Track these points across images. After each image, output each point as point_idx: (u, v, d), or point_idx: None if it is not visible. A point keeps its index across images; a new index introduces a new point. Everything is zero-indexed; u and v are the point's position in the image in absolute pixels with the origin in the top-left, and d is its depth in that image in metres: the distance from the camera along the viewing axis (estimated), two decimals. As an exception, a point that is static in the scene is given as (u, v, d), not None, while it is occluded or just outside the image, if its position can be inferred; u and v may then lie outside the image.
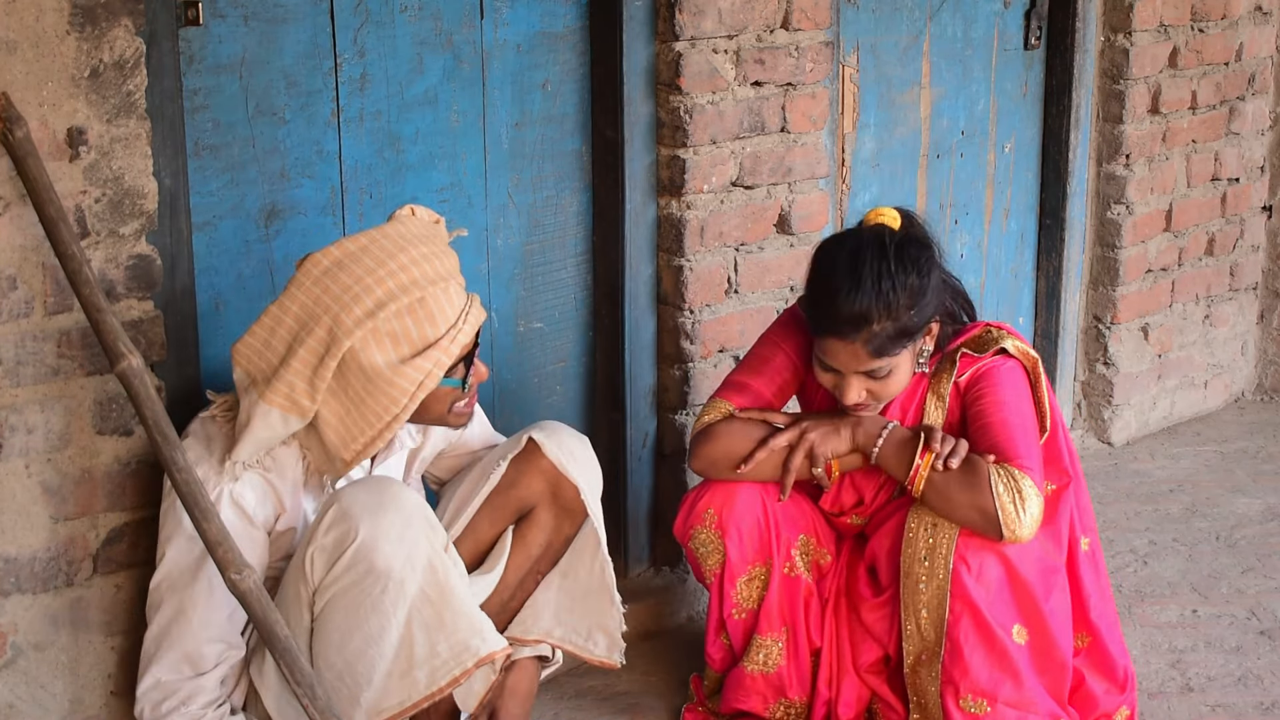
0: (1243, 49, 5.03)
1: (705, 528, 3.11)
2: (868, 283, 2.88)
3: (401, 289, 2.65)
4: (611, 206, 3.60)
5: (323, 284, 2.65)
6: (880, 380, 2.96)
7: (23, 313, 2.67)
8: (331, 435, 2.68)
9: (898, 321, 2.90)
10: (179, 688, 2.73)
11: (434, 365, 2.67)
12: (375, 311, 2.62)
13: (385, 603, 2.63)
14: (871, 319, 2.88)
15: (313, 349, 2.62)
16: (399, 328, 2.64)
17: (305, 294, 2.65)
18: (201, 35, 2.93)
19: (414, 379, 2.65)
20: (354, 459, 2.69)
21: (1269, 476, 4.75)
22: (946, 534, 2.94)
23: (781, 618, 3.15)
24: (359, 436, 2.67)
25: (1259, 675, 3.52)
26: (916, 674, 3.05)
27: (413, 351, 2.65)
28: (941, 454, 2.91)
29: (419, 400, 2.67)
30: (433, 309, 2.67)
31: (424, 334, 2.66)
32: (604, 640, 3.09)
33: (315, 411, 2.65)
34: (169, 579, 2.73)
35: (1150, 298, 4.96)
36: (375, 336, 2.62)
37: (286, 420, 2.65)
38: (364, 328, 2.61)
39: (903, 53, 4.22)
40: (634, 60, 3.52)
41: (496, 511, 2.98)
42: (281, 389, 2.63)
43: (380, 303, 2.63)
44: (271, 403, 2.63)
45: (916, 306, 2.92)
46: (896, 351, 2.93)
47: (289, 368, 2.63)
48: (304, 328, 2.64)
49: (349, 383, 2.64)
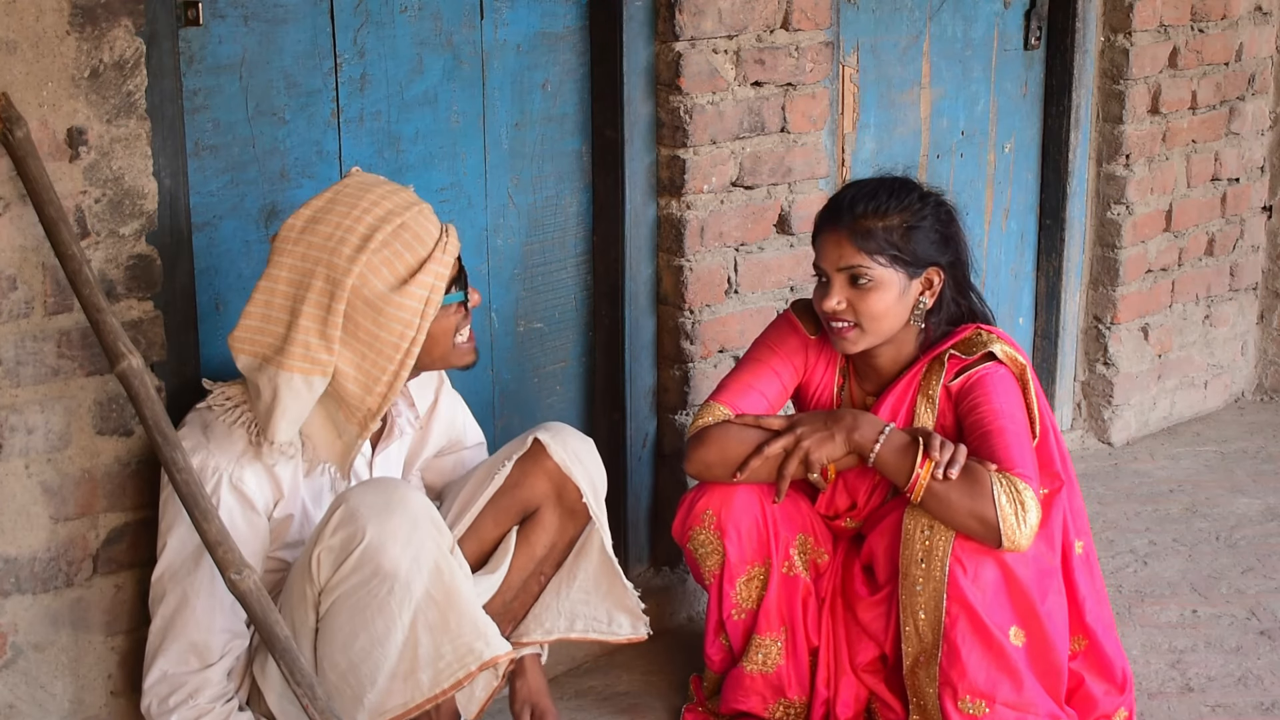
0: (1243, 49, 5.03)
1: (704, 528, 3.12)
2: (870, 186, 3.07)
3: (381, 220, 2.70)
4: (611, 206, 3.60)
5: (304, 241, 2.69)
6: (861, 291, 2.99)
7: (23, 313, 2.67)
8: (351, 385, 2.69)
9: (887, 225, 2.99)
10: (186, 680, 2.74)
11: (434, 279, 2.71)
12: (364, 245, 2.67)
13: (391, 604, 2.63)
14: (860, 213, 3.00)
15: (317, 302, 2.66)
16: (391, 254, 2.69)
17: (291, 256, 2.69)
18: (201, 35, 2.93)
19: (419, 296, 2.69)
20: (380, 404, 2.70)
21: (1269, 476, 4.75)
22: (943, 536, 2.94)
23: (780, 617, 3.15)
24: (381, 376, 2.69)
25: (1259, 675, 3.52)
26: (915, 675, 3.05)
27: (409, 271, 2.69)
28: (941, 462, 2.91)
29: (429, 320, 2.71)
30: (416, 229, 2.72)
31: (415, 254, 2.71)
32: (625, 619, 3.11)
33: (334, 367, 2.67)
34: (171, 569, 2.73)
35: (1150, 298, 4.96)
36: (371, 267, 2.67)
37: (310, 383, 2.67)
38: (359, 263, 2.66)
39: (903, 53, 4.22)
40: (634, 60, 3.52)
41: (501, 512, 2.98)
42: (297, 351, 2.65)
43: (366, 236, 2.67)
44: (292, 369, 2.65)
45: (912, 226, 3.01)
46: (880, 257, 2.98)
47: (298, 328, 2.65)
48: (300, 286, 2.67)
49: (359, 323, 2.67)
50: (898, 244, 2.99)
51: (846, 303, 3.01)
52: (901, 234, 3.00)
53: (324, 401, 2.73)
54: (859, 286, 3.00)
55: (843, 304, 3.01)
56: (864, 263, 2.98)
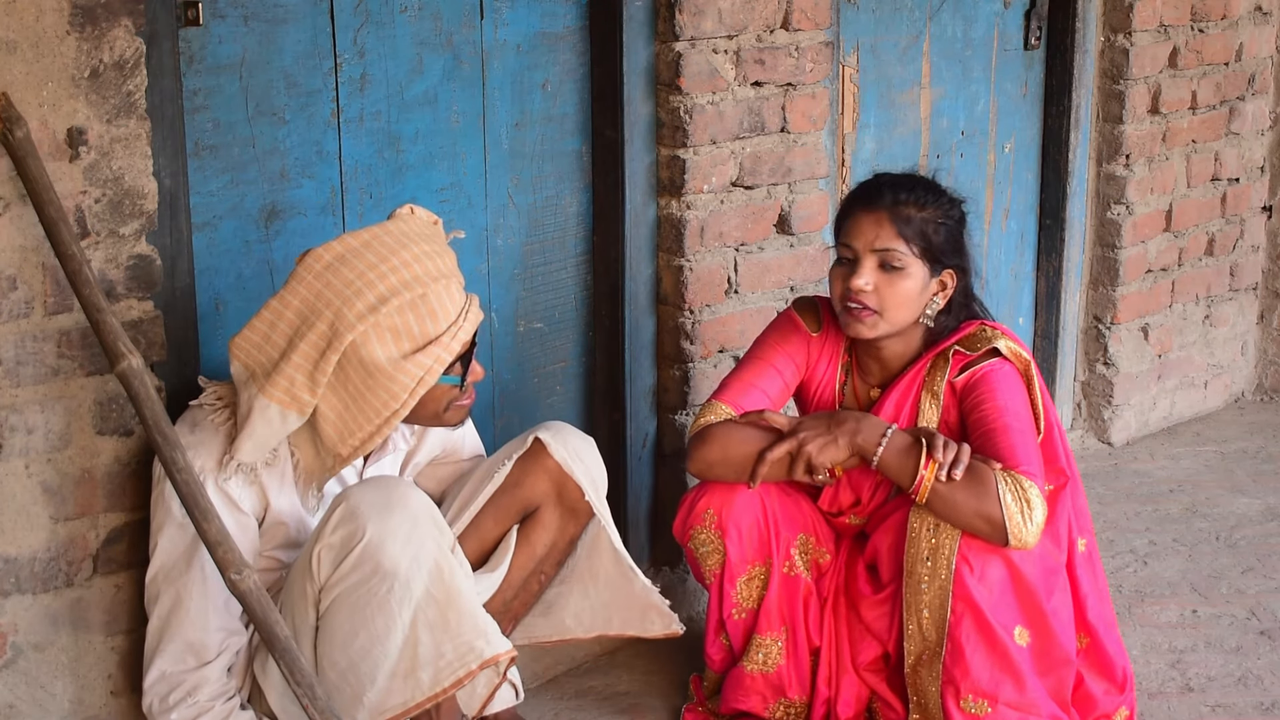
0: (1243, 49, 5.03)
1: (705, 528, 3.11)
2: (907, 177, 3.13)
3: (404, 285, 2.65)
4: (611, 206, 3.60)
5: (325, 279, 2.65)
6: (890, 275, 3.02)
7: (23, 313, 2.67)
8: (329, 430, 2.68)
9: (925, 216, 3.04)
10: (184, 679, 2.74)
11: (434, 361, 2.68)
12: (378, 306, 2.63)
13: (391, 603, 2.63)
14: (903, 199, 3.05)
15: (314, 343, 2.63)
16: (401, 323, 2.65)
17: (307, 289, 2.66)
18: (201, 35, 2.93)
19: (414, 375, 2.66)
20: (350, 455, 2.70)
21: (1269, 476, 4.75)
22: (949, 535, 2.94)
23: (781, 617, 3.14)
24: (356, 432, 2.68)
25: (1259, 675, 3.52)
26: (917, 674, 3.04)
27: (414, 347, 2.66)
28: (945, 464, 2.90)
29: (418, 396, 2.68)
30: (434, 305, 2.68)
31: (425, 330, 2.67)
32: (658, 618, 3.13)
33: (314, 407, 2.66)
34: (164, 570, 2.74)
35: (1150, 298, 4.96)
36: (377, 331, 2.63)
37: (285, 417, 2.65)
38: (366, 322, 2.62)
39: (903, 53, 4.22)
40: (634, 60, 3.52)
41: (501, 511, 2.99)
42: (282, 383, 2.64)
43: (383, 298, 2.63)
44: (271, 398, 2.64)
45: (943, 221, 3.06)
46: (915, 246, 3.02)
47: (289, 361, 2.64)
48: (305, 322, 2.64)
49: (349, 377, 2.65)
50: (930, 237, 3.03)
51: (874, 285, 3.02)
52: (934, 228, 3.04)
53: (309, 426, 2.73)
54: (889, 270, 3.02)
55: (870, 284, 3.02)
56: (900, 247, 3.02)
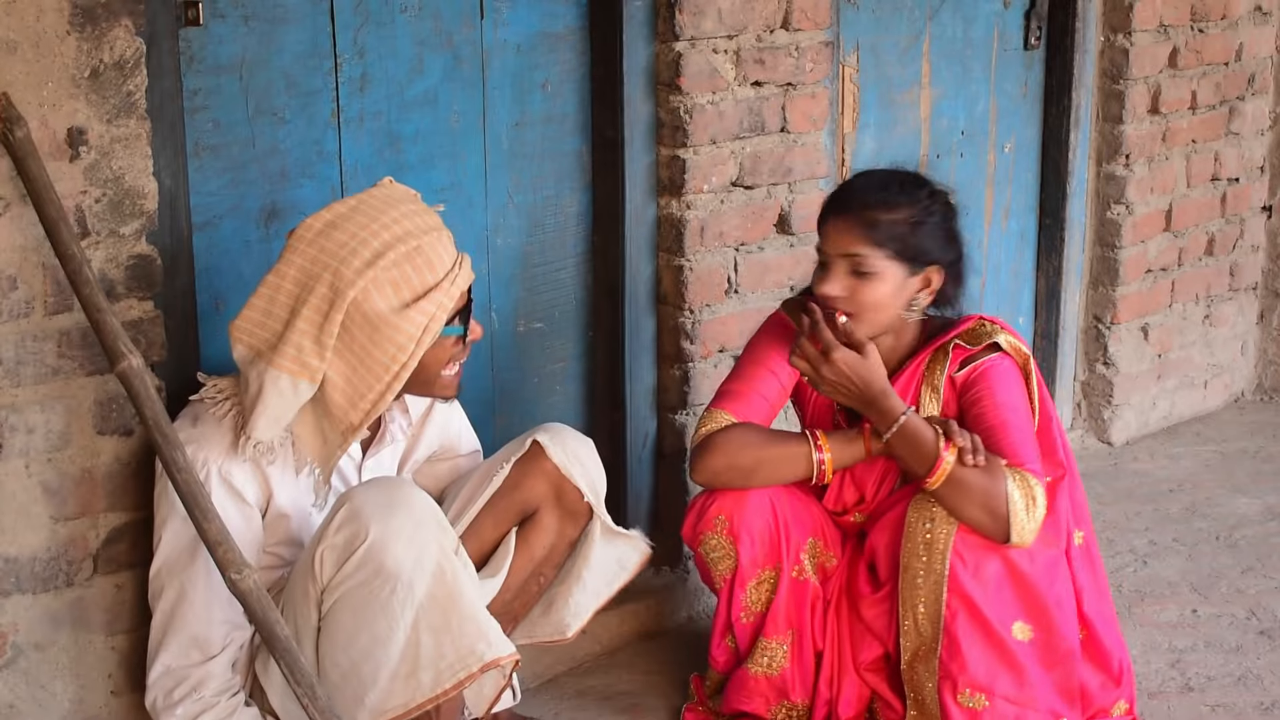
0: (1243, 49, 5.03)
1: (716, 534, 3.11)
2: (881, 177, 3.10)
3: (398, 239, 2.68)
4: (611, 206, 3.60)
5: (318, 244, 2.68)
6: (862, 279, 2.99)
7: (23, 313, 2.67)
8: (338, 397, 2.69)
9: (894, 218, 2.99)
10: (189, 674, 2.74)
11: (436, 308, 2.70)
12: (374, 260, 2.65)
13: (393, 604, 2.63)
14: (869, 203, 3.00)
15: (316, 306, 2.65)
16: (400, 275, 2.67)
17: (301, 256, 2.68)
18: (201, 35, 2.93)
19: (418, 323, 2.68)
20: (361, 421, 2.70)
21: (1269, 476, 4.75)
22: (944, 529, 2.94)
23: (788, 621, 3.14)
24: (366, 393, 2.69)
25: (1259, 675, 3.52)
26: (914, 670, 3.04)
27: (414, 296, 2.68)
28: (967, 449, 2.90)
29: (425, 346, 2.70)
30: (430, 255, 2.71)
31: (424, 279, 2.69)
32: (628, 548, 3.13)
33: (323, 374, 2.67)
34: (167, 564, 2.74)
35: (1150, 298, 4.96)
36: (377, 284, 2.65)
37: (297, 386, 2.66)
38: (365, 277, 2.64)
39: (903, 53, 4.22)
40: (634, 60, 3.52)
41: (499, 513, 2.98)
42: (289, 351, 2.65)
43: (378, 252, 2.66)
44: (280, 368, 2.65)
45: (919, 223, 3.01)
46: (885, 248, 2.98)
47: (294, 329, 2.65)
48: (305, 288, 2.66)
49: (354, 337, 2.66)
50: (902, 238, 3.00)
51: (846, 290, 3.02)
52: (907, 229, 3.00)
53: (313, 405, 2.73)
54: (859, 275, 3.00)
55: (842, 290, 3.02)
56: (867, 252, 2.99)
